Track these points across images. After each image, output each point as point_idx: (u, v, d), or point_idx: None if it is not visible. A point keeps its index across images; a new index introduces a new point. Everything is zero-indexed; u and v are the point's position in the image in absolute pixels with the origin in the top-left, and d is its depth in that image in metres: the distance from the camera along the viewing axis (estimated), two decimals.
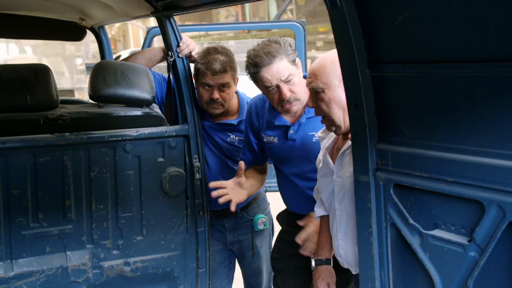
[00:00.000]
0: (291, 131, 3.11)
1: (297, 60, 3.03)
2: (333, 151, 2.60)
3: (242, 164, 3.12)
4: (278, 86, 2.95)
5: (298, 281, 3.29)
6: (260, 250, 3.68)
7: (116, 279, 3.30)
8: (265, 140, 3.23)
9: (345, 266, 2.58)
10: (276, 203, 3.95)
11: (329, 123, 2.48)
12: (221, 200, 3.04)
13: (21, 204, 3.04)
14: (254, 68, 2.96)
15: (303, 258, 3.23)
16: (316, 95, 2.46)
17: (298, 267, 3.26)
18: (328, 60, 2.45)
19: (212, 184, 3.11)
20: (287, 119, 3.13)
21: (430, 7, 1.65)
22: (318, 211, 2.81)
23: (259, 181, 3.36)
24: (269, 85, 2.97)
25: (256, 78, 3.00)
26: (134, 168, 3.29)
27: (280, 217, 3.43)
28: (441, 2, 1.62)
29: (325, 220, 2.78)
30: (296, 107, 3.02)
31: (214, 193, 3.06)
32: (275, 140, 3.18)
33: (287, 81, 2.94)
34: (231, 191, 3.08)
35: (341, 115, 2.42)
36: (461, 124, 1.69)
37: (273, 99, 3.03)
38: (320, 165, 2.71)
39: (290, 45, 3.01)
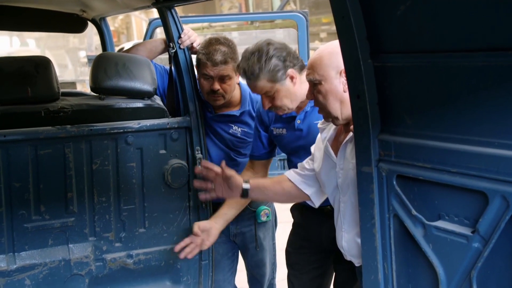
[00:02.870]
0: (297, 121, 3.11)
1: (289, 72, 2.92)
2: (336, 143, 2.59)
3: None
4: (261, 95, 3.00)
5: (311, 275, 3.29)
6: (263, 241, 3.67)
7: (118, 272, 3.30)
8: (274, 133, 3.23)
9: (348, 258, 2.57)
10: None
11: (326, 114, 2.48)
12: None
13: (23, 197, 3.03)
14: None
15: (315, 251, 3.23)
16: (314, 87, 2.46)
17: (311, 261, 3.26)
18: (326, 52, 2.45)
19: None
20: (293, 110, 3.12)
21: None
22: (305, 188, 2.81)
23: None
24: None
25: None
26: (136, 160, 3.27)
27: (293, 209, 3.42)
28: None
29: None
30: (282, 112, 3.04)
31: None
32: (284, 131, 3.18)
33: (266, 96, 2.95)
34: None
35: (338, 106, 2.42)
36: (464, 114, 1.68)
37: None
38: (315, 154, 2.70)
39: (280, 59, 2.89)
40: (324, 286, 3.34)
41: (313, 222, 3.18)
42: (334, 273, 3.31)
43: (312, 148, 2.79)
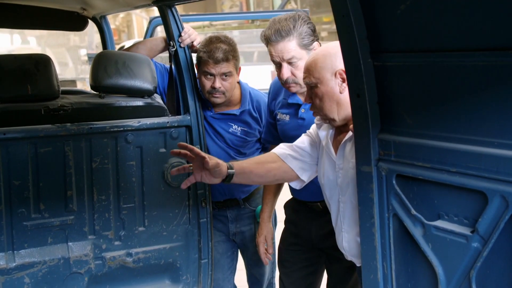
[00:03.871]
0: (302, 110, 3.11)
1: (314, 45, 2.99)
2: (335, 142, 2.58)
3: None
4: (280, 64, 2.97)
5: (302, 273, 3.28)
6: None
7: (118, 270, 3.30)
8: (278, 117, 3.24)
9: (349, 258, 2.57)
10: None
11: (323, 116, 2.49)
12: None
13: (22, 195, 3.03)
14: (265, 40, 3.00)
15: (306, 249, 3.22)
16: (311, 91, 2.47)
17: (302, 259, 3.25)
18: (320, 54, 2.47)
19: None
20: (300, 97, 3.13)
21: None
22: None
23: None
24: (273, 60, 3.01)
25: (267, 48, 3.03)
26: (136, 158, 3.27)
27: (286, 206, 3.42)
28: None
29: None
30: (295, 89, 3.03)
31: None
32: (286, 118, 3.19)
33: (289, 62, 2.95)
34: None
35: (334, 108, 2.43)
36: (464, 113, 1.67)
37: (277, 74, 3.06)
38: (306, 146, 2.71)
39: (311, 28, 2.97)
40: (314, 285, 3.34)
41: (303, 218, 3.19)
42: (325, 274, 3.30)
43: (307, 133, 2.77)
